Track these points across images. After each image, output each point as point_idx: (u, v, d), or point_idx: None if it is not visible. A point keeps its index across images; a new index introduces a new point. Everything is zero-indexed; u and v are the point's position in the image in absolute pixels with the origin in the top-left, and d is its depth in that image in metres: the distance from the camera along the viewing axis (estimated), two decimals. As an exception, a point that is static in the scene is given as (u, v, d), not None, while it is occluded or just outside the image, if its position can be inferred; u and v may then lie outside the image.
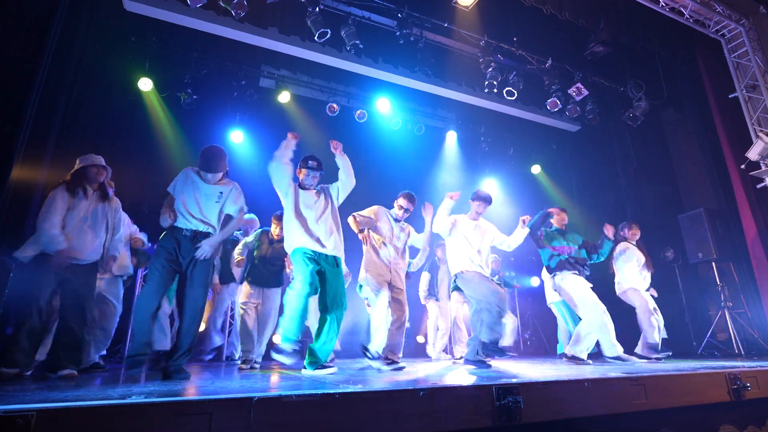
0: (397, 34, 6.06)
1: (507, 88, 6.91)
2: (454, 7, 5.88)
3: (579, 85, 6.89)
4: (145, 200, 6.38)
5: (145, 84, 6.59)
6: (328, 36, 5.70)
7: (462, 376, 2.86)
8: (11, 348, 2.94)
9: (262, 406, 1.51)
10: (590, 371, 2.89)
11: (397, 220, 4.19)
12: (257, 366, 4.20)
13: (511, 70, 6.94)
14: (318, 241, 3.33)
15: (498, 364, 4.12)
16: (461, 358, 4.75)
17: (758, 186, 5.78)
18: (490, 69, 6.59)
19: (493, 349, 3.75)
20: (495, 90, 6.83)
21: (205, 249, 3.02)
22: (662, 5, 5.83)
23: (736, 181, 6.04)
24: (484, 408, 1.84)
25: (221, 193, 3.19)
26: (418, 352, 7.14)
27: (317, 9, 5.59)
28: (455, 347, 5.78)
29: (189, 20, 5.73)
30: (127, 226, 4.31)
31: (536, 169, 9.61)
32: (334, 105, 7.54)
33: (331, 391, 1.67)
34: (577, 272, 4.42)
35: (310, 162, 3.52)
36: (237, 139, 7.48)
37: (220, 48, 6.51)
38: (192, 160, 6.80)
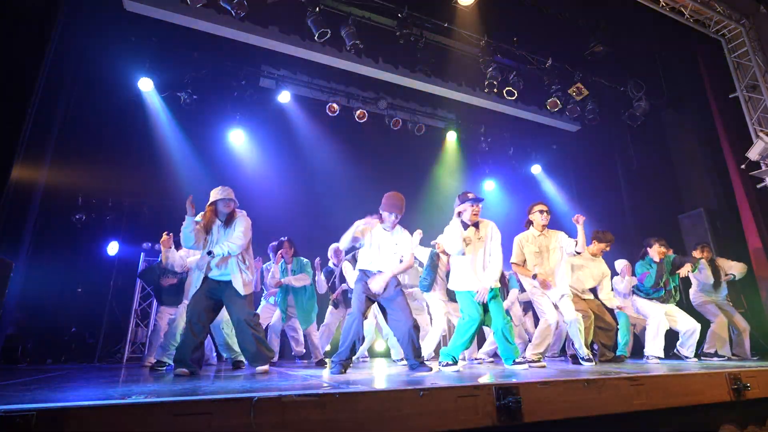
0: (397, 34, 6.05)
1: (507, 88, 6.91)
2: (454, 7, 5.87)
3: (579, 85, 6.88)
4: (145, 200, 6.39)
5: (145, 84, 6.59)
6: (328, 36, 5.70)
7: (462, 376, 2.85)
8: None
9: (262, 406, 1.50)
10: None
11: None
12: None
13: (511, 70, 6.93)
14: None
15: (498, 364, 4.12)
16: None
17: (758, 186, 5.78)
18: (490, 69, 6.59)
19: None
20: (495, 90, 6.82)
21: None
22: (662, 5, 5.82)
23: (736, 181, 6.03)
24: (484, 408, 1.84)
25: None
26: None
27: (317, 9, 5.59)
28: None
29: (189, 20, 5.72)
30: None
31: (536, 169, 9.61)
32: (334, 105, 7.53)
33: (331, 391, 1.67)
34: None
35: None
36: (237, 139, 7.47)
37: (220, 48, 6.49)
38: (192, 159, 6.87)
